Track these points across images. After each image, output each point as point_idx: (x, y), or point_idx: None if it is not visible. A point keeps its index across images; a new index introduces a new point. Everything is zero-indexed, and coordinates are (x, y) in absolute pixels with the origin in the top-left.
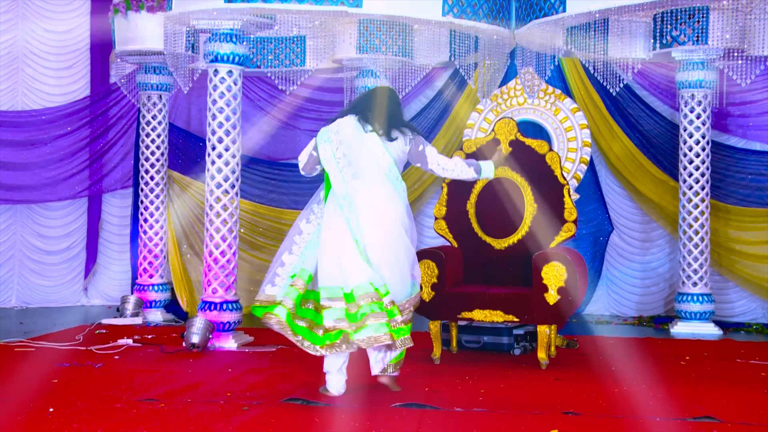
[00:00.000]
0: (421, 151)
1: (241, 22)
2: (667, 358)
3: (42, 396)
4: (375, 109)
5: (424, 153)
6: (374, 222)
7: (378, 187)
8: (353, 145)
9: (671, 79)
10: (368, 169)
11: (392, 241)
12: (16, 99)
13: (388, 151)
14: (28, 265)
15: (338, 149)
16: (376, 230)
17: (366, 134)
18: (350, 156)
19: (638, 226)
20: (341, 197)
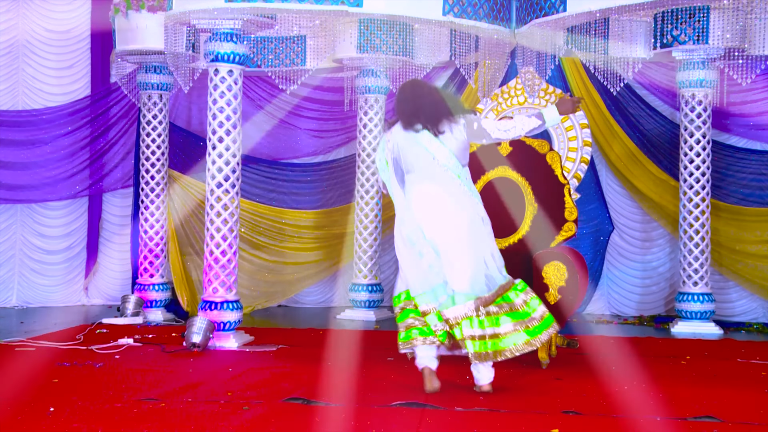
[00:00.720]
0: (478, 129)
1: (241, 21)
2: (667, 357)
3: (42, 395)
4: (416, 109)
5: (481, 128)
6: (441, 220)
7: (439, 186)
8: (406, 150)
9: (672, 78)
10: (426, 170)
11: (465, 231)
12: (16, 98)
13: (444, 144)
14: (28, 264)
15: (390, 162)
16: (443, 227)
17: (418, 134)
18: (406, 162)
19: (639, 225)
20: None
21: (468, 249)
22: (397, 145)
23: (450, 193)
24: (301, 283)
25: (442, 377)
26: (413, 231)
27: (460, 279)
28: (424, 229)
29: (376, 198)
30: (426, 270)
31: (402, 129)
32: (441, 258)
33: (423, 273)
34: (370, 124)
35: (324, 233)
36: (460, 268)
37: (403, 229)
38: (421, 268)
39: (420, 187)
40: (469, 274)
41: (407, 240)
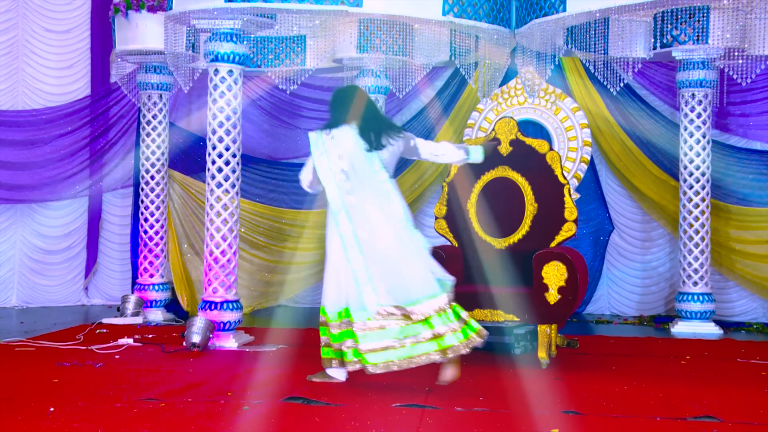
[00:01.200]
0: (413, 146)
1: (241, 21)
2: (667, 357)
3: (42, 395)
4: (365, 117)
5: (416, 146)
6: (378, 231)
7: (377, 198)
8: (354, 158)
9: (672, 78)
10: (367, 180)
11: (399, 241)
12: (16, 98)
13: (380, 157)
14: (28, 264)
15: (336, 163)
16: (381, 238)
17: (363, 142)
18: (350, 170)
19: (639, 225)
20: (337, 211)
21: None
22: (345, 154)
23: (386, 201)
24: (301, 283)
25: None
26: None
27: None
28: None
29: None
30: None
31: (353, 137)
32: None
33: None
34: None
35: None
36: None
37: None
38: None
39: (353, 197)
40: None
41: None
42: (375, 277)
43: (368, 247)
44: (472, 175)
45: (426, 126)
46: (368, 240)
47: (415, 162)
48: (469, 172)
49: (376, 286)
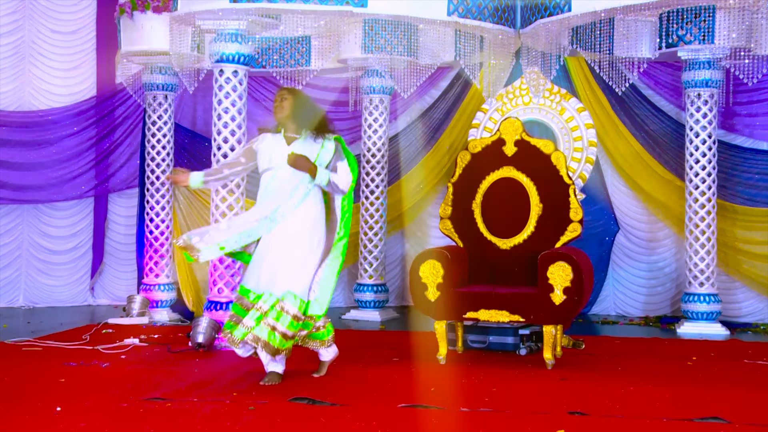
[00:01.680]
0: (342, 165)
1: (246, 22)
2: (673, 358)
3: (49, 395)
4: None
5: (342, 166)
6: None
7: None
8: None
9: (677, 78)
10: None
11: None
12: (23, 99)
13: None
14: (34, 264)
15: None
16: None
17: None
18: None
19: (644, 225)
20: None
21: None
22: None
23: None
24: None
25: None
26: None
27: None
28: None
29: (381, 198)
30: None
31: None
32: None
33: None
34: (375, 124)
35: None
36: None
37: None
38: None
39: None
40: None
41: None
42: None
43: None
44: (477, 176)
45: (431, 126)
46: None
47: (420, 162)
48: (474, 172)
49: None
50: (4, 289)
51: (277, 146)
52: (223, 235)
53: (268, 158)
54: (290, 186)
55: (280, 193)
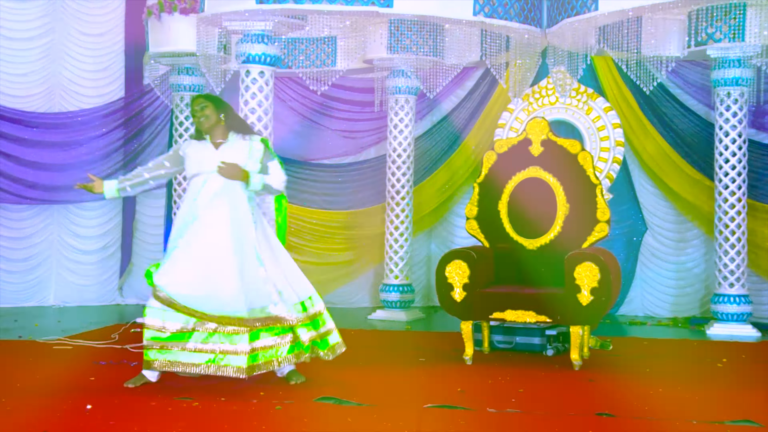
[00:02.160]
0: (273, 165)
1: (272, 22)
2: (703, 359)
3: (80, 393)
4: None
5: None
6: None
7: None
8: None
9: (706, 77)
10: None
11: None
12: (53, 101)
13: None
14: (65, 264)
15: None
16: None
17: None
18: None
19: (672, 226)
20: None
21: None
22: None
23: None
24: (333, 284)
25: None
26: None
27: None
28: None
29: (407, 198)
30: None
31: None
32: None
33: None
34: (400, 124)
35: (355, 233)
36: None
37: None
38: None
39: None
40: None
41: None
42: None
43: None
44: (503, 176)
45: (456, 126)
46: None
47: (446, 162)
48: (500, 172)
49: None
50: (35, 288)
51: (206, 151)
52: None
53: (198, 163)
54: (223, 191)
55: (213, 198)
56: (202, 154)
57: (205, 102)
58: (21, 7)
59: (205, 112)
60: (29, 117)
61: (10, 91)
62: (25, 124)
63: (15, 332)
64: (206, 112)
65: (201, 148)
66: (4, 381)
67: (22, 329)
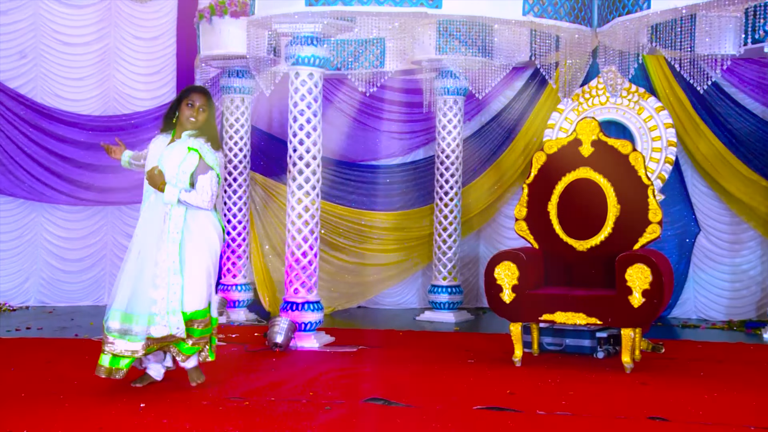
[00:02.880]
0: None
1: (321, 24)
2: (759, 364)
3: (133, 392)
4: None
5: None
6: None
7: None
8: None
9: (763, 75)
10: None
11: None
12: (108, 104)
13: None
14: (118, 264)
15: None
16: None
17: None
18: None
19: (726, 227)
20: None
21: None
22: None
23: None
24: (381, 285)
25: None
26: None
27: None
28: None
29: (455, 199)
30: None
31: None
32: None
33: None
34: (449, 125)
35: (403, 234)
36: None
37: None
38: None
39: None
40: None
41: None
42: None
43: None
44: (553, 177)
45: (505, 127)
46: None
47: (495, 163)
48: (550, 173)
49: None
50: (91, 288)
51: (161, 147)
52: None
53: (152, 158)
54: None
55: (156, 198)
56: (158, 150)
57: (206, 104)
58: (77, 13)
59: (200, 115)
60: (84, 120)
61: (67, 95)
62: (81, 127)
63: (71, 331)
64: (201, 115)
65: (161, 143)
66: (61, 379)
67: (78, 328)
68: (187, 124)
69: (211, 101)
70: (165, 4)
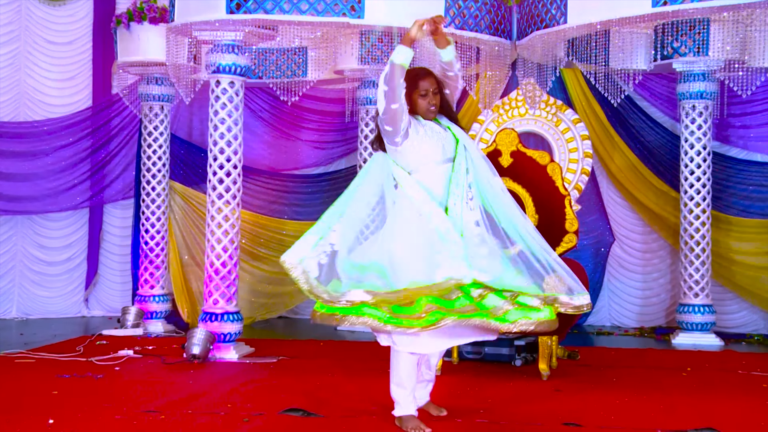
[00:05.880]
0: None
1: (243, 33)
2: (668, 369)
3: (42, 407)
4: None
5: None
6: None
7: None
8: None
9: (672, 90)
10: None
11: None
12: (18, 110)
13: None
14: (28, 276)
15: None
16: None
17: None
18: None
19: (639, 237)
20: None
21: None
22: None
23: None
24: (302, 295)
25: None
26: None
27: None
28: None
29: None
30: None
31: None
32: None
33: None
34: (371, 135)
35: None
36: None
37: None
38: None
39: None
40: None
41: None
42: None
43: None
44: None
45: None
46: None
47: None
48: None
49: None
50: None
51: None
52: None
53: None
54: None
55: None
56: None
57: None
58: None
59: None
60: None
61: None
62: None
63: None
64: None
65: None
66: None
67: None
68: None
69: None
70: (80, 8)
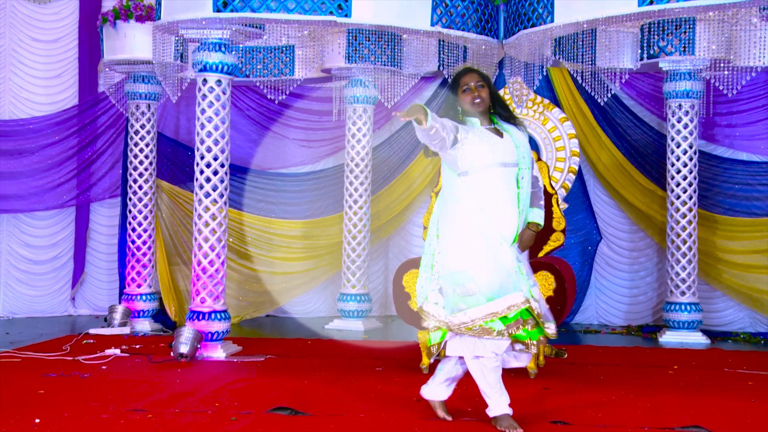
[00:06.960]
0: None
1: (230, 31)
2: (655, 367)
3: (28, 406)
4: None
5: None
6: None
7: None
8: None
9: (659, 89)
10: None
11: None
12: (3, 108)
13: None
14: (14, 274)
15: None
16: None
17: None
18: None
19: (626, 235)
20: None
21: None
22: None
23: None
24: (290, 293)
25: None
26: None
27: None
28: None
29: (365, 208)
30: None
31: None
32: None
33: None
34: (358, 134)
35: (312, 243)
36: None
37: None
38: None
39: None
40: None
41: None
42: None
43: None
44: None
45: (414, 136)
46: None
47: (404, 172)
48: None
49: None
50: None
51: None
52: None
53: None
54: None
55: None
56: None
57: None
58: None
59: (482, 94)
60: None
61: None
62: None
63: None
64: (483, 93)
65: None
66: None
67: None
68: (479, 109)
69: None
70: (66, 6)
